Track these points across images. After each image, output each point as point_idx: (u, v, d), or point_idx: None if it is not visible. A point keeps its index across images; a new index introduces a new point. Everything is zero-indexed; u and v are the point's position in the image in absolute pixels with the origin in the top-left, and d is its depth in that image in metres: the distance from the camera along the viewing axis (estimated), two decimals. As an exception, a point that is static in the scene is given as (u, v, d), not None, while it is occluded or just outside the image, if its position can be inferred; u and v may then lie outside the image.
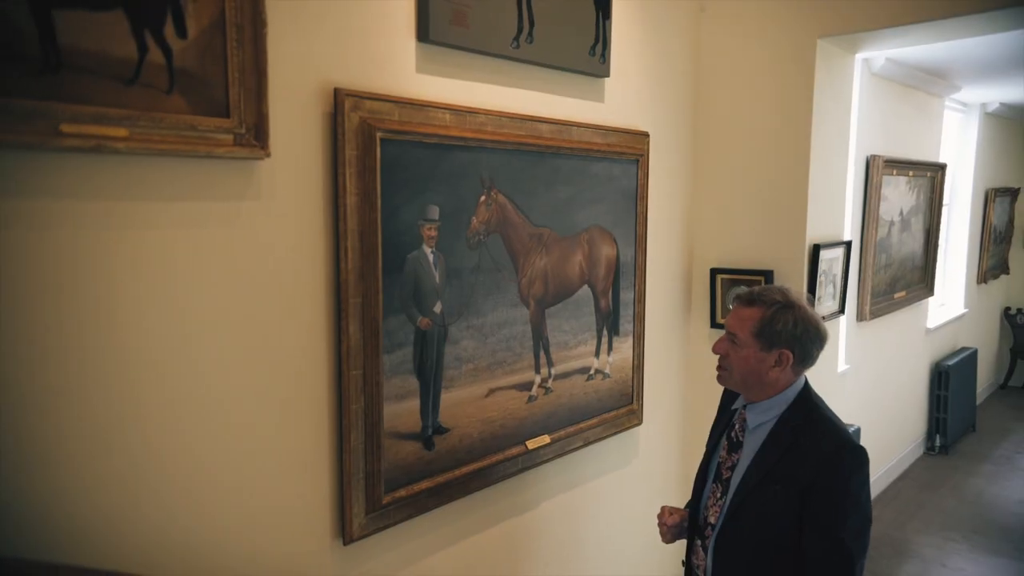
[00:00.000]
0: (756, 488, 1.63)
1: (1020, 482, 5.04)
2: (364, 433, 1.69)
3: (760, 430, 1.68)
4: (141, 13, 1.28)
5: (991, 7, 2.22)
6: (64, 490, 1.25)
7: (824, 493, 1.56)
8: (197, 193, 1.40)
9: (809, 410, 1.67)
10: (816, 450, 1.59)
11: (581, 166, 2.21)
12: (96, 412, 1.28)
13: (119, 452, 1.31)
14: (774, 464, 1.62)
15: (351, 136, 1.62)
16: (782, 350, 1.63)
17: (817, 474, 1.56)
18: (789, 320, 1.62)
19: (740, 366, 1.66)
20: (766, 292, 1.67)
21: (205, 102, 1.38)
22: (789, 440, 1.62)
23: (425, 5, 1.76)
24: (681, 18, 2.64)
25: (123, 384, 1.31)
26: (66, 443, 1.24)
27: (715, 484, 1.75)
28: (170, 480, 1.38)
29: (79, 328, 1.25)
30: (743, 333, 1.64)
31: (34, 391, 1.20)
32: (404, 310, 1.74)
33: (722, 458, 1.75)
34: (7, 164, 1.16)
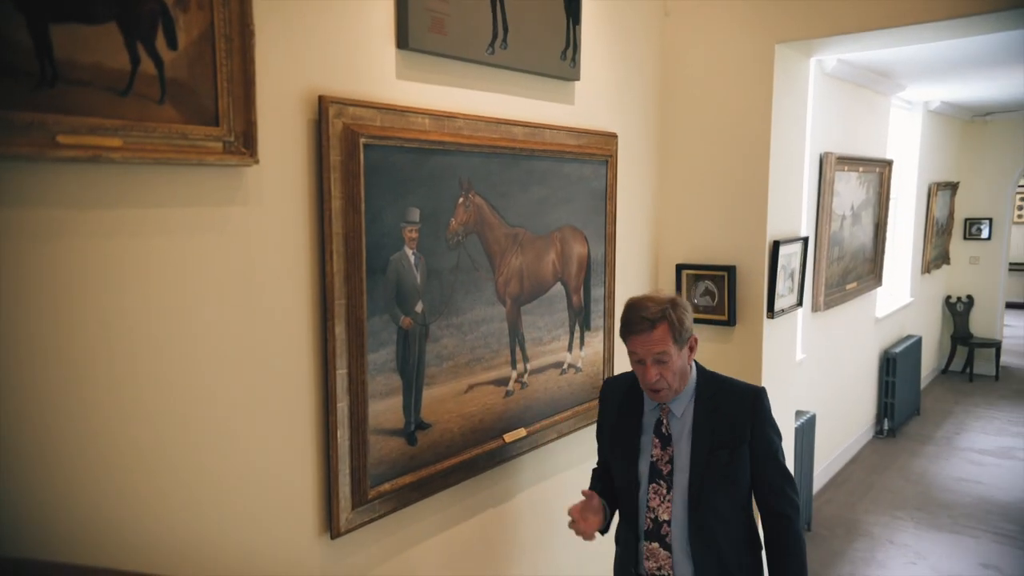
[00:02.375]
0: (707, 464, 1.80)
1: (959, 461, 5.31)
2: (350, 430, 1.74)
3: (685, 415, 1.86)
4: (133, 25, 1.30)
5: (934, 18, 2.35)
6: (59, 488, 1.28)
7: (762, 431, 1.83)
8: (188, 200, 1.43)
9: (713, 378, 1.89)
10: (738, 403, 1.83)
11: (554, 167, 2.28)
12: (90, 413, 1.30)
13: (110, 451, 1.34)
14: (710, 434, 1.81)
15: (335, 142, 1.66)
16: (691, 338, 1.83)
17: (751, 420, 1.81)
18: (684, 311, 1.81)
19: (674, 375, 1.79)
20: (649, 306, 1.78)
21: (195, 111, 1.41)
22: (711, 407, 1.83)
23: (405, 13, 1.81)
24: (646, 22, 2.73)
25: (117, 384, 1.34)
26: (60, 443, 1.27)
27: (656, 483, 1.86)
28: (160, 477, 1.41)
29: (76, 332, 1.27)
30: (670, 348, 1.76)
31: (34, 393, 1.23)
32: (387, 310, 1.79)
33: (656, 456, 1.87)
34: (6, 176, 1.18)
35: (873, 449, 5.55)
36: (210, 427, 1.49)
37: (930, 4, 2.32)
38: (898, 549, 4.04)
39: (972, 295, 7.58)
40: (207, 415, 1.48)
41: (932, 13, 2.34)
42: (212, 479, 1.50)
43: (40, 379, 1.23)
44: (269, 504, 1.62)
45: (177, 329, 1.42)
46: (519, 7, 2.09)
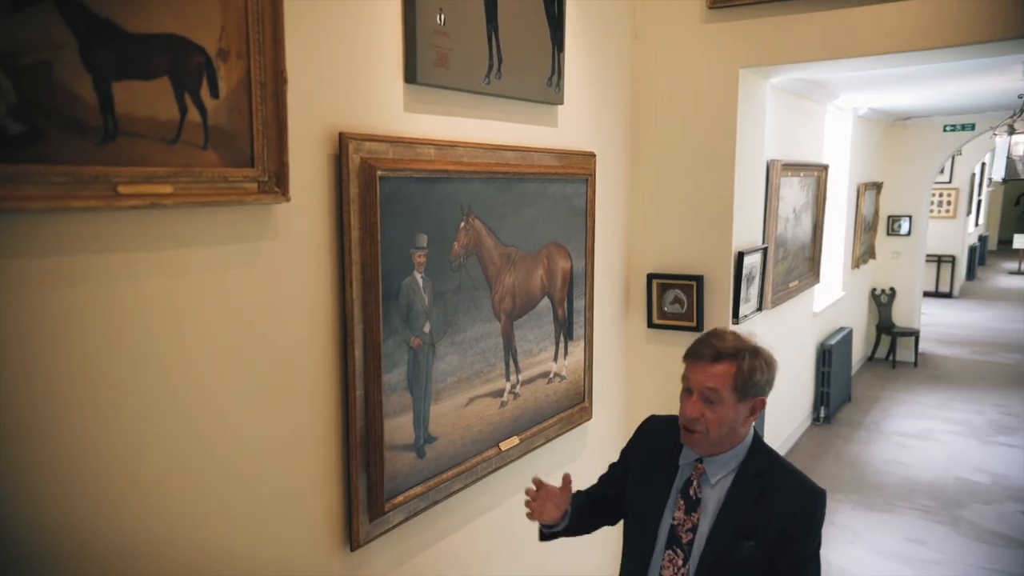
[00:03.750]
0: (729, 547, 1.55)
1: (887, 445, 5.72)
2: (368, 448, 1.84)
3: (721, 483, 1.60)
4: (182, 78, 1.36)
5: (876, 52, 2.58)
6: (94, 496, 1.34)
7: (798, 542, 1.54)
8: (227, 237, 1.50)
9: (769, 456, 1.63)
10: (787, 498, 1.56)
11: (541, 188, 2.41)
12: (137, 432, 1.37)
13: (155, 465, 1.41)
14: (744, 517, 1.55)
15: (354, 176, 1.74)
16: (756, 399, 1.58)
17: (792, 523, 1.53)
18: (763, 367, 1.56)
19: (719, 424, 1.55)
20: (725, 342, 1.58)
21: (234, 154, 1.48)
22: (756, 490, 1.57)
23: (413, 50, 1.90)
24: (619, 45, 2.88)
25: (170, 405, 1.41)
26: (98, 458, 1.34)
27: (671, 550, 1.62)
28: (195, 494, 1.48)
29: (138, 366, 1.34)
30: (725, 391, 1.54)
31: (97, 419, 1.29)
32: (399, 332, 1.89)
33: (678, 520, 1.63)
34: (74, 225, 1.23)
35: (811, 436, 5.91)
36: (241, 445, 1.56)
37: (878, 41, 2.54)
38: (838, 530, 4.36)
39: (894, 287, 8.09)
40: (239, 434, 1.56)
41: (880, 47, 2.56)
42: (242, 495, 1.58)
43: (106, 406, 1.30)
44: (294, 519, 1.71)
45: (214, 357, 1.49)
46: (511, 38, 2.20)
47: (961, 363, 8.15)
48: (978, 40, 2.42)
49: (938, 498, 4.79)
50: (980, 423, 6.19)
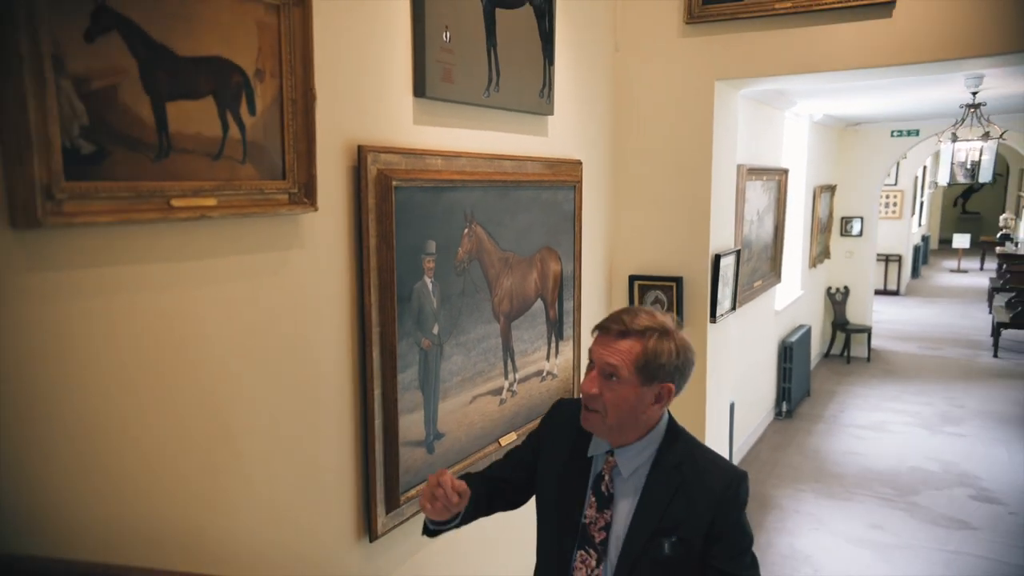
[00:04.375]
0: (648, 544, 1.44)
1: (845, 437, 6.00)
2: (384, 444, 1.94)
3: (635, 477, 1.50)
4: (225, 97, 1.45)
5: (840, 68, 2.77)
6: (131, 493, 1.43)
7: (727, 533, 1.45)
8: (261, 246, 1.59)
9: (686, 443, 1.53)
10: (708, 487, 1.46)
11: (534, 195, 2.53)
12: (177, 426, 1.46)
13: (182, 465, 1.50)
14: (663, 512, 1.45)
15: (372, 186, 1.84)
16: (664, 384, 1.46)
17: (717, 513, 1.44)
18: (672, 350, 1.45)
19: (617, 407, 1.45)
20: (636, 319, 1.47)
21: (268, 168, 1.57)
22: (676, 481, 1.46)
23: (422, 66, 2.00)
24: (602, 57, 3.02)
25: (203, 402, 1.49)
26: (142, 450, 1.42)
27: (584, 551, 1.51)
28: (226, 488, 1.56)
29: (181, 366, 1.42)
30: (625, 369, 1.43)
31: (135, 407, 1.37)
32: (412, 334, 2.00)
33: (589, 517, 1.51)
34: (131, 237, 1.31)
35: (775, 430, 6.16)
36: (266, 444, 1.64)
37: (842, 58, 2.73)
38: (803, 517, 4.58)
39: (848, 286, 8.44)
40: (267, 432, 1.64)
41: (843, 63, 2.75)
42: (270, 489, 1.66)
43: (152, 400, 1.38)
44: (318, 512, 1.80)
45: (247, 357, 1.58)
46: (508, 53, 2.32)
47: (910, 358, 8.54)
48: (928, 60, 2.62)
49: (894, 486, 5.05)
50: (929, 414, 6.52)
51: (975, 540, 4.32)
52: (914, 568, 4.02)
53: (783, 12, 2.76)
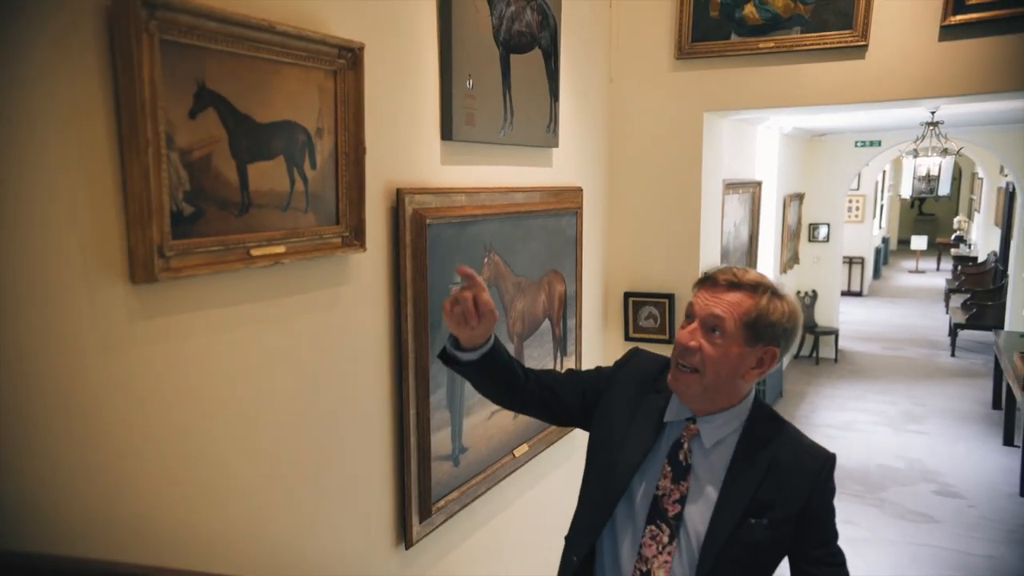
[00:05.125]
0: (739, 529, 1.34)
1: (817, 436, 6.25)
2: (418, 459, 2.11)
3: (718, 450, 1.40)
4: (293, 156, 1.62)
5: (819, 103, 3.02)
6: (189, 501, 1.59)
7: (819, 516, 1.37)
8: (318, 285, 1.76)
9: (775, 419, 1.44)
10: (802, 468, 1.37)
11: (543, 222, 2.73)
12: (245, 439, 1.63)
13: (247, 476, 1.67)
14: (754, 493, 1.35)
15: (408, 224, 2.02)
16: (769, 347, 1.35)
17: (811, 496, 1.35)
18: (784, 311, 1.35)
19: (717, 365, 1.33)
20: (747, 273, 1.38)
21: (325, 215, 1.74)
22: (767, 460, 1.36)
23: (449, 112, 2.18)
24: (598, 89, 3.22)
25: (269, 421, 1.66)
26: (214, 462, 1.59)
27: (654, 525, 1.40)
28: (279, 499, 1.73)
29: (253, 393, 1.59)
30: (732, 322, 1.32)
31: (215, 423, 1.54)
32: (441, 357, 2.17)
33: (662, 489, 1.41)
34: (219, 284, 1.48)
35: (749, 429, 6.45)
36: (312, 459, 1.80)
37: (820, 94, 2.98)
38: (780, 514, 4.85)
39: (816, 289, 8.79)
40: (314, 450, 1.81)
41: (821, 99, 3.00)
42: (317, 500, 1.83)
43: (228, 418, 1.55)
44: (357, 522, 1.97)
45: (305, 382, 1.75)
46: (520, 93, 2.51)
47: (874, 358, 8.93)
48: (896, 98, 2.88)
49: (864, 483, 5.35)
50: (894, 413, 6.87)
51: (939, 532, 4.63)
52: (885, 560, 4.31)
53: (766, 51, 2.99)
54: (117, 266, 1.28)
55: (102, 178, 1.25)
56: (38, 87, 1.14)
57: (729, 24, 3.04)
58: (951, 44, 2.70)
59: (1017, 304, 7.46)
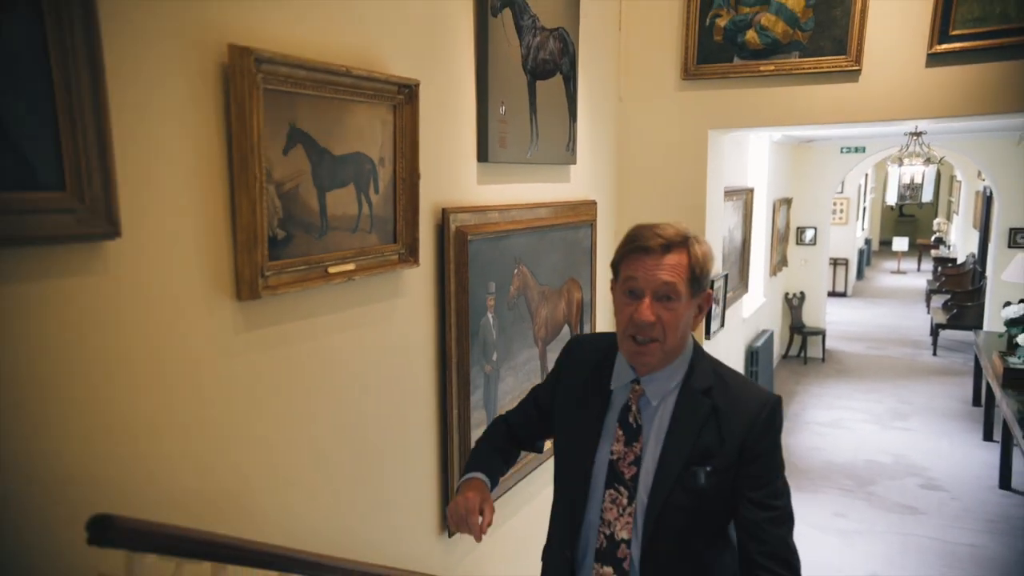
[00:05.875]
0: (682, 477, 1.36)
1: (807, 434, 6.55)
2: (459, 454, 2.31)
3: (663, 405, 1.41)
4: (361, 183, 1.81)
5: (816, 122, 3.25)
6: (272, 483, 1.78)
7: (760, 459, 1.37)
8: (379, 297, 1.96)
9: (712, 365, 1.45)
10: (741, 412, 1.37)
11: (563, 234, 2.93)
12: (310, 438, 1.82)
13: (307, 465, 1.86)
14: (695, 440, 1.36)
15: (452, 241, 2.22)
16: (705, 291, 1.38)
17: (750, 439, 1.35)
18: (707, 251, 1.38)
19: (675, 328, 1.34)
20: (667, 230, 1.38)
21: (385, 234, 1.93)
22: (707, 408, 1.38)
23: (485, 136, 2.38)
24: (610, 107, 3.43)
25: (331, 420, 1.85)
26: (282, 456, 1.78)
27: (613, 489, 1.43)
28: (336, 490, 1.91)
29: (321, 391, 1.78)
30: (682, 284, 1.33)
31: (295, 427, 1.73)
32: (478, 362, 2.37)
33: (616, 453, 1.43)
34: (300, 300, 1.67)
35: (742, 427, 6.69)
36: (368, 453, 1.99)
37: (817, 113, 3.20)
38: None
39: (804, 291, 9.06)
40: (366, 444, 1.99)
41: (818, 119, 3.22)
42: (369, 492, 2.02)
43: (298, 420, 1.74)
44: (404, 510, 2.16)
45: (364, 386, 1.94)
46: (544, 116, 2.71)
47: (860, 358, 9.21)
48: (887, 119, 3.11)
49: (853, 477, 5.60)
50: (880, 411, 7.13)
51: (924, 523, 4.88)
52: (874, 550, 4.55)
53: (767, 74, 3.21)
54: (227, 286, 1.47)
55: (216, 210, 1.44)
56: (168, 131, 1.33)
57: (732, 48, 3.26)
58: (937, 70, 2.94)
59: (995, 305, 7.75)
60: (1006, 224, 8.14)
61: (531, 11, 2.53)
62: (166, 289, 1.34)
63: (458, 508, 1.50)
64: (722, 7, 3.25)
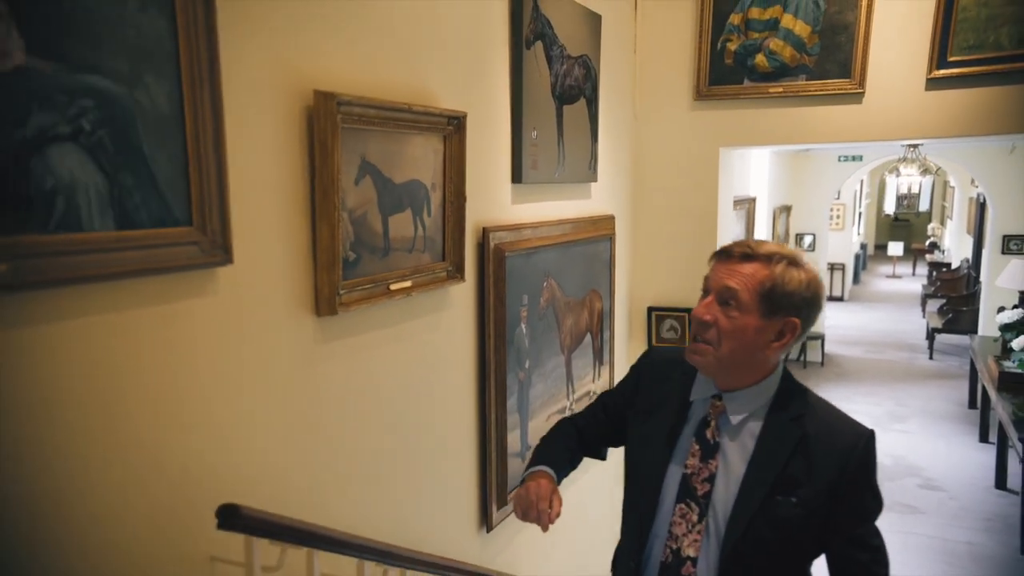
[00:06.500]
0: (765, 505, 1.33)
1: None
2: (497, 456, 2.49)
3: (745, 426, 1.39)
4: (417, 207, 1.99)
5: (821, 141, 3.44)
6: (314, 488, 1.96)
7: (857, 496, 1.34)
8: (431, 310, 2.13)
9: (805, 394, 1.41)
10: (834, 443, 1.34)
11: (584, 248, 3.11)
12: (371, 443, 1.99)
13: (360, 469, 2.03)
14: (782, 469, 1.33)
15: (491, 257, 2.39)
16: (788, 318, 1.33)
17: (843, 474, 1.32)
18: (802, 280, 1.33)
19: (732, 338, 1.33)
20: (762, 245, 1.37)
21: (435, 253, 2.11)
22: (796, 436, 1.34)
23: (519, 160, 2.56)
24: (626, 125, 3.62)
25: (385, 423, 2.03)
26: (345, 459, 1.95)
27: (684, 504, 1.41)
28: (386, 489, 2.10)
29: (380, 395, 1.96)
30: (747, 293, 1.31)
31: (359, 429, 1.90)
32: (512, 370, 2.55)
33: (691, 467, 1.42)
34: (367, 314, 1.84)
35: (746, 430, 6.88)
36: (416, 454, 2.16)
37: (822, 133, 3.39)
38: (779, 507, 5.27)
39: (803, 296, 9.26)
40: (415, 446, 2.16)
41: (823, 138, 3.41)
42: (415, 490, 2.19)
43: (357, 421, 1.91)
44: (447, 506, 2.33)
45: (416, 390, 2.12)
46: (569, 138, 2.90)
47: (858, 361, 9.41)
48: (889, 139, 3.30)
49: (853, 477, 5.79)
50: (879, 413, 7.32)
51: (924, 522, 5.07)
52: (876, 547, 4.73)
53: (775, 95, 3.41)
54: (308, 303, 1.65)
55: (300, 236, 1.61)
56: (264, 168, 1.50)
57: (742, 71, 3.45)
58: (936, 93, 3.13)
59: (990, 310, 7.96)
60: (999, 231, 8.36)
61: (559, 42, 2.72)
62: (261, 307, 1.52)
63: (528, 494, 1.52)
64: (733, 32, 3.44)
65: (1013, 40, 2.84)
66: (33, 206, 1.02)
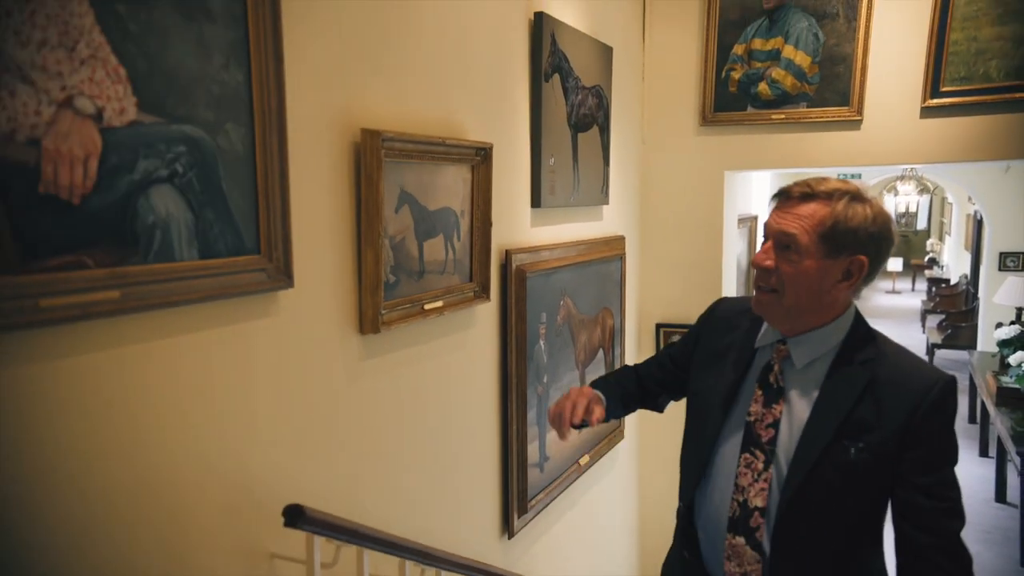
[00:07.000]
0: (830, 449, 1.27)
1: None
2: (518, 466, 2.62)
3: (811, 370, 1.33)
4: (448, 233, 2.14)
5: (823, 165, 3.60)
6: (346, 488, 2.09)
7: (930, 442, 1.26)
8: (458, 328, 2.28)
9: (876, 338, 1.35)
10: (906, 389, 1.27)
11: (597, 268, 3.26)
12: (406, 448, 2.13)
13: (392, 475, 2.17)
14: (848, 413, 1.27)
15: (513, 278, 2.54)
16: (855, 256, 1.27)
17: (916, 419, 1.25)
18: (867, 215, 1.26)
19: (798, 283, 1.27)
20: (823, 182, 1.29)
21: (463, 274, 2.25)
22: (864, 379, 1.28)
23: (538, 186, 2.71)
24: (635, 149, 3.78)
25: (421, 431, 2.17)
26: (384, 462, 2.09)
27: (749, 452, 1.35)
28: (414, 497, 2.23)
29: (423, 409, 2.10)
30: (806, 236, 1.25)
31: (395, 438, 2.04)
32: (532, 384, 2.69)
33: (754, 414, 1.37)
34: (400, 331, 1.99)
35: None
36: (441, 465, 2.30)
37: (824, 157, 3.55)
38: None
39: (804, 312, 9.39)
40: (442, 457, 2.31)
41: (825, 162, 3.58)
42: (440, 498, 2.33)
43: (405, 426, 2.05)
44: (472, 512, 2.46)
45: (444, 401, 2.25)
46: (584, 164, 3.05)
47: (859, 376, 9.51)
48: (886, 164, 3.46)
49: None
50: (880, 427, 7.43)
51: (925, 533, 5.17)
52: (878, 557, 4.84)
53: (777, 122, 3.57)
54: (353, 323, 1.79)
55: (346, 261, 1.76)
56: (318, 200, 1.65)
57: (746, 98, 3.62)
58: (930, 121, 3.29)
59: (988, 326, 8.09)
60: (996, 248, 8.51)
61: (575, 74, 2.88)
62: (315, 327, 1.66)
63: (570, 395, 1.51)
64: (736, 62, 3.60)
65: (1001, 73, 3.00)
66: (138, 240, 1.17)
